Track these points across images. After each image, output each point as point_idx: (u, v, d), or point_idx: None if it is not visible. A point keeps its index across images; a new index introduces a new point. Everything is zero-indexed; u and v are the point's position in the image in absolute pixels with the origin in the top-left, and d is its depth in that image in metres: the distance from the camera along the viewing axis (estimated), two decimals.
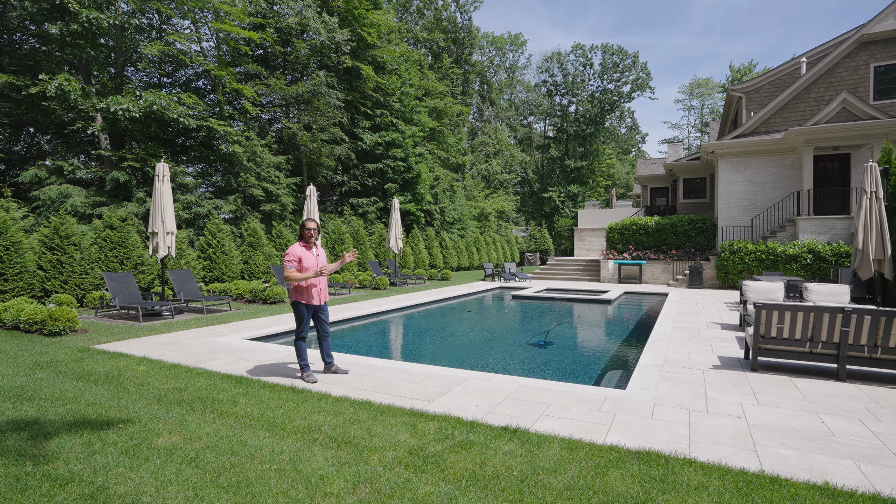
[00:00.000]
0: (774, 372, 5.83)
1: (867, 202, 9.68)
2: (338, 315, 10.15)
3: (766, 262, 15.85)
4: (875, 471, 3.24)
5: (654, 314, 11.01)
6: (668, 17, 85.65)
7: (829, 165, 17.25)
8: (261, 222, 19.59)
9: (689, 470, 3.17)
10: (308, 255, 5.33)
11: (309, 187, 13.85)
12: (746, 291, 8.98)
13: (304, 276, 5.22)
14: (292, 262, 5.24)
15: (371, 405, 4.45)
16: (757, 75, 21.49)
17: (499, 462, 3.30)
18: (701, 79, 61.99)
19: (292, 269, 5.24)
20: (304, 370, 5.37)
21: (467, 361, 6.95)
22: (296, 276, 5.21)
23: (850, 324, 5.38)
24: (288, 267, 5.24)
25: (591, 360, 7.16)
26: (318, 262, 5.41)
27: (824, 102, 17.28)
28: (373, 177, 25.84)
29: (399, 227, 17.63)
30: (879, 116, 15.48)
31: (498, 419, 4.13)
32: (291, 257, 5.25)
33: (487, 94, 51.51)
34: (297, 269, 5.27)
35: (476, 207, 37.02)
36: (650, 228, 19.70)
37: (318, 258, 5.43)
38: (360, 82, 24.91)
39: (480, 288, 16.96)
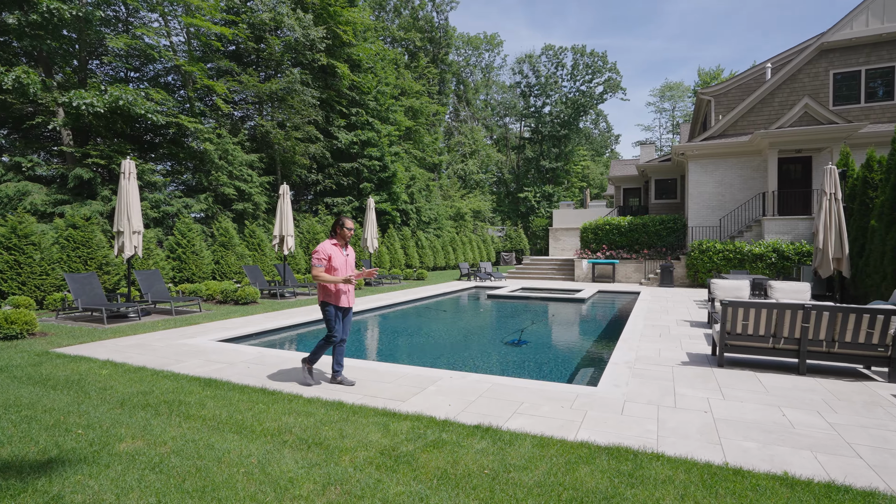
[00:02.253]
0: (740, 367, 6.00)
1: (827, 203, 10.06)
2: (310, 316, 10.02)
3: (733, 261, 16.31)
4: (830, 460, 3.36)
5: (627, 312, 11.21)
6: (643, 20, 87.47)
7: (793, 168, 17.87)
8: (233, 222, 19.18)
9: (656, 464, 3.23)
10: (338, 255, 4.98)
11: (282, 186, 13.64)
12: (714, 289, 9.23)
13: (332, 278, 4.87)
14: (321, 261, 4.90)
15: (343, 406, 4.40)
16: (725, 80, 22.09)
17: (471, 460, 3.30)
18: (672, 82, 63.49)
19: (321, 268, 4.90)
20: (310, 367, 5.16)
21: (442, 361, 6.94)
22: (324, 278, 4.87)
23: (810, 320, 5.57)
24: (317, 265, 4.90)
25: (565, 358, 7.24)
26: (348, 262, 5.09)
27: (788, 107, 17.89)
28: (348, 176, 25.62)
29: (374, 226, 17.51)
30: (838, 121, 16.11)
31: (471, 418, 4.13)
32: (321, 255, 4.90)
33: (464, 94, 51.65)
34: (326, 268, 4.92)
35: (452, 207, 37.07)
36: (623, 228, 20.05)
37: (348, 258, 5.11)
38: (335, 80, 24.66)
39: (456, 287, 16.99)
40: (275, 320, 9.40)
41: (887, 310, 5.29)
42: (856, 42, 17.16)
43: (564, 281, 20.38)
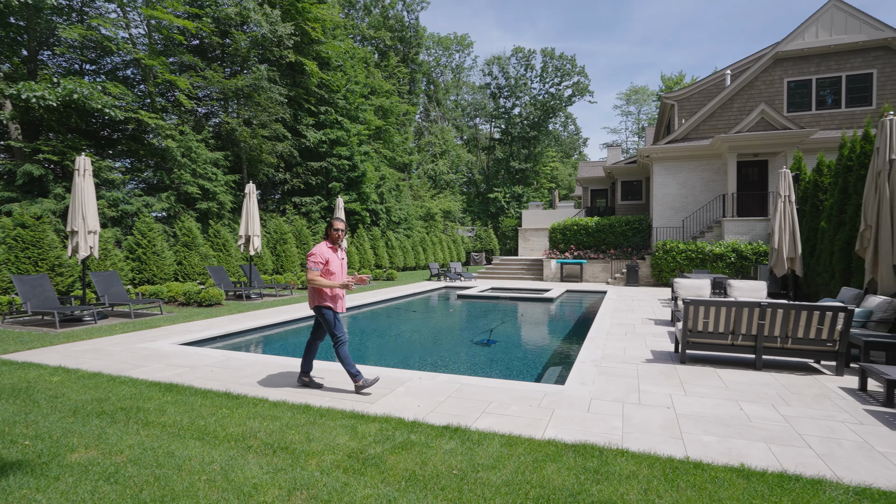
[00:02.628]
0: (701, 364, 6.19)
1: (782, 205, 10.50)
2: (278, 317, 9.82)
3: (695, 261, 16.85)
4: (783, 451, 3.51)
5: (594, 311, 11.42)
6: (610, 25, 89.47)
7: (751, 171, 18.60)
8: (197, 221, 18.63)
9: (621, 460, 3.30)
10: (334, 258, 4.84)
11: (249, 185, 13.32)
12: (677, 288, 9.50)
13: (330, 284, 4.71)
14: (318, 265, 4.71)
15: (310, 409, 4.32)
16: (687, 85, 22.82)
17: (439, 461, 3.29)
18: (638, 86, 65.14)
19: (317, 272, 4.71)
20: (357, 378, 4.81)
21: (411, 362, 6.91)
22: (322, 283, 4.69)
23: (766, 317, 5.80)
24: (313, 269, 4.70)
25: (534, 358, 7.32)
26: (343, 266, 4.97)
27: (746, 112, 18.61)
28: (317, 175, 25.24)
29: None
30: (792, 127, 16.86)
31: (440, 418, 4.12)
32: (318, 258, 4.71)
33: (434, 95, 51.67)
34: (323, 272, 4.76)
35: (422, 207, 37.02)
36: (590, 229, 20.44)
37: (343, 262, 4.99)
38: (303, 78, 24.27)
39: (426, 288, 16.97)
40: (240, 322, 9.17)
41: (835, 307, 5.56)
42: (807, 52, 17.99)
43: (533, 281, 20.63)
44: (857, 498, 2.84)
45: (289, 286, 14.38)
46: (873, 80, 17.47)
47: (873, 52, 17.45)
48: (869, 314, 6.71)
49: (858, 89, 17.73)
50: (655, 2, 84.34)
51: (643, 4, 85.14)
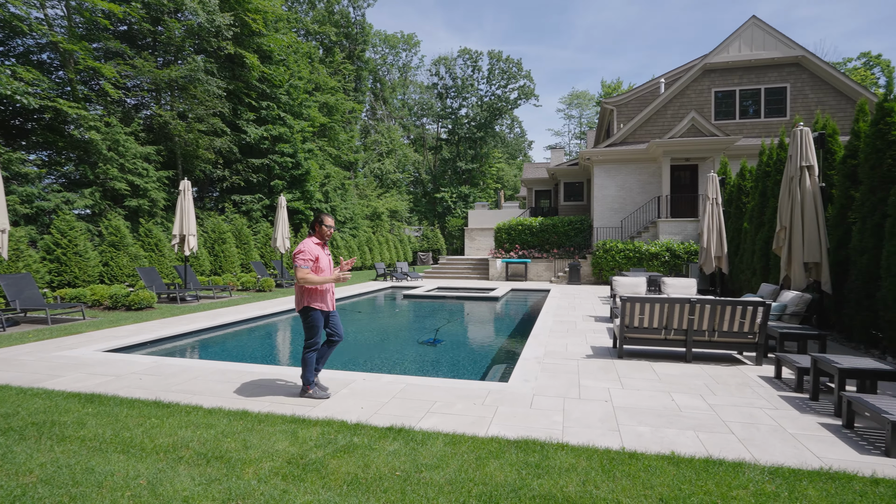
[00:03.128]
0: (637, 358, 6.48)
1: (710, 207, 11.19)
2: (216, 320, 9.37)
3: (633, 260, 17.64)
4: (709, 438, 3.73)
5: (537, 309, 11.70)
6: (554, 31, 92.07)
7: (683, 174, 19.71)
8: (126, 219, 17.47)
9: (561, 454, 3.38)
10: (323, 255, 4.63)
11: (183, 181, 12.64)
12: (615, 286, 9.91)
13: (322, 279, 4.49)
14: (308, 262, 4.47)
15: (248, 415, 4.14)
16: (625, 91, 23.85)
17: (382, 463, 3.24)
18: (579, 91, 67.48)
19: (307, 269, 4.47)
20: (310, 386, 4.68)
21: (356, 363, 6.80)
22: (314, 280, 4.46)
23: (695, 312, 6.16)
24: (303, 267, 4.46)
25: (479, 356, 7.40)
26: (331, 263, 4.76)
27: (678, 119, 19.70)
28: (258, 172, 24.34)
29: (286, 225, 16.79)
30: (719, 134, 18.01)
31: (383, 420, 4.07)
32: (308, 255, 4.48)
33: (381, 93, 51.19)
34: (313, 269, 4.53)
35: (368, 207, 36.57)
36: (535, 229, 20.95)
37: (330, 258, 4.80)
38: (243, 71, 23.32)
39: (372, 288, 16.77)
40: (174, 326, 8.67)
41: (755, 302, 5.98)
42: (732, 65, 19.29)
43: (479, 280, 20.88)
44: (771, 477, 3.06)
45: (228, 288, 13.77)
46: (787, 93, 18.99)
47: (787, 68, 18.97)
48: (784, 308, 7.28)
49: (775, 101, 19.21)
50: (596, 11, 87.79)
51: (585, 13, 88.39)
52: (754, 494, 2.85)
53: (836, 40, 69.83)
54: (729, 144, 17.74)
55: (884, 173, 6.81)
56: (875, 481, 3.03)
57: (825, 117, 8.78)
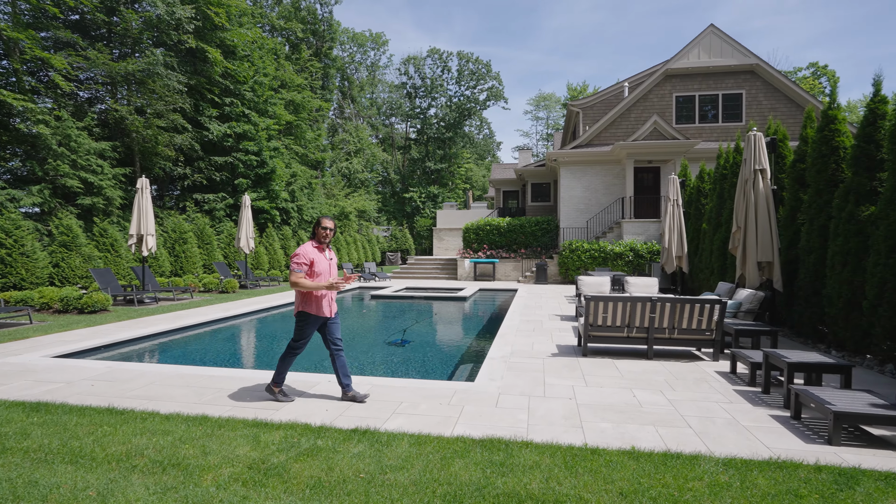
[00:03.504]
0: (601, 356, 6.62)
1: (671, 208, 11.55)
2: (175, 323, 9.06)
3: (598, 259, 18.02)
4: (668, 432, 3.85)
5: (505, 309, 11.81)
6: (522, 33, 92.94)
7: (646, 176, 20.27)
8: (79, 218, 16.69)
9: (525, 451, 3.42)
10: (321, 259, 4.52)
11: (141, 179, 12.20)
12: (581, 286, 10.09)
13: (315, 285, 4.39)
14: (302, 266, 4.40)
15: (208, 420, 4.02)
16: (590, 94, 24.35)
17: (346, 466, 3.21)
18: (546, 93, 68.45)
19: (301, 273, 4.39)
20: (278, 385, 4.62)
21: (323, 365, 6.69)
22: (306, 285, 4.37)
23: (656, 311, 6.34)
24: (297, 271, 4.39)
25: (446, 356, 7.41)
26: (332, 266, 4.63)
27: (641, 122, 20.24)
28: (221, 171, 23.68)
29: (251, 225, 16.41)
30: (680, 137, 18.61)
31: (348, 422, 4.03)
32: (302, 259, 4.41)
33: (348, 91, 50.63)
34: (308, 273, 4.45)
35: (336, 206, 36.08)
36: (502, 229, 21.14)
37: (332, 262, 4.65)
38: (206, 66, 22.63)
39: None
40: (130, 329, 8.34)
41: (712, 300, 6.21)
42: (692, 71, 19.97)
43: (448, 280, 20.92)
44: (725, 468, 3.18)
45: (189, 289, 13.34)
46: (743, 99, 19.80)
47: (742, 76, 19.77)
48: (739, 305, 7.57)
49: (732, 107, 19.99)
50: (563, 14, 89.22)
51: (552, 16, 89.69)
52: (709, 486, 2.95)
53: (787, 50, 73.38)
54: (689, 148, 18.35)
55: (828, 177, 7.18)
56: (818, 468, 3.19)
57: (776, 123, 9.18)
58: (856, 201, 6.45)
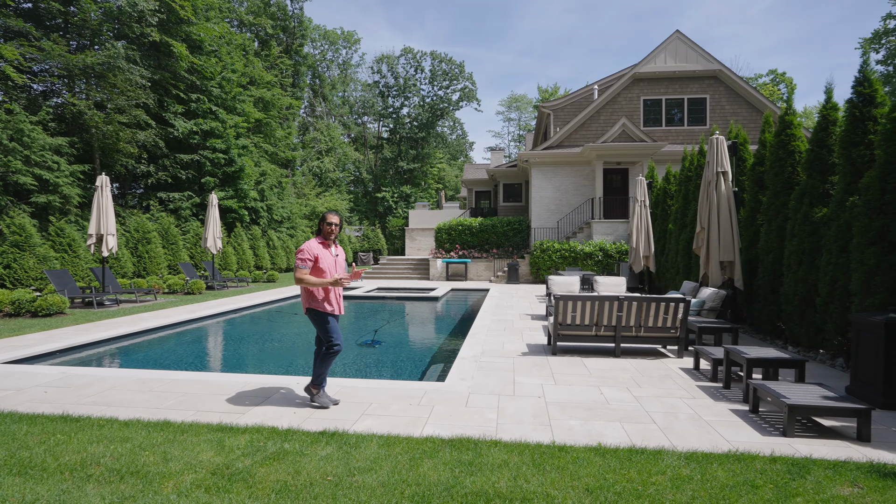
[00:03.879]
0: (570, 354, 6.72)
1: (639, 209, 11.81)
2: (137, 325, 8.75)
3: (569, 259, 18.29)
4: (634, 428, 3.93)
5: (477, 308, 11.86)
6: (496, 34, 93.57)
7: (615, 177, 20.69)
8: (33, 217, 15.96)
9: (494, 450, 3.44)
10: (326, 255, 4.44)
11: (101, 177, 11.75)
12: (551, 285, 10.22)
13: (320, 281, 4.29)
14: (306, 262, 4.30)
15: (170, 425, 3.90)
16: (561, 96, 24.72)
17: (314, 469, 3.16)
18: (518, 94, 69.14)
19: (306, 269, 4.30)
20: (318, 388, 4.48)
21: (293, 367, 6.59)
22: (311, 281, 4.28)
23: (623, 309, 6.47)
24: (301, 267, 4.30)
25: (418, 356, 7.39)
26: (338, 262, 4.55)
27: (610, 125, 20.65)
28: (188, 169, 23.02)
29: (218, 225, 16.01)
30: (647, 140, 19.07)
31: (317, 424, 3.97)
32: (306, 255, 4.31)
33: (320, 90, 49.98)
34: (313, 270, 4.37)
35: (307, 206, 35.58)
36: (474, 229, 21.23)
37: (338, 259, 4.56)
38: (170, 61, 21.96)
39: None
40: (88, 333, 8.01)
41: (676, 299, 6.38)
42: (658, 75, 20.49)
43: (420, 280, 20.89)
44: (687, 462, 3.27)
45: (153, 290, 12.91)
46: (707, 104, 20.43)
47: (706, 81, 20.41)
48: (702, 304, 7.80)
49: (697, 111, 20.61)
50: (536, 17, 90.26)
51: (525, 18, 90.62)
52: (671, 479, 3.03)
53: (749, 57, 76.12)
54: (656, 150, 18.82)
55: (785, 179, 7.47)
56: (773, 459, 3.31)
57: (738, 127, 9.51)
58: (810, 203, 6.73)
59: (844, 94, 72.57)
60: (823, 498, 2.83)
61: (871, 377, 4.52)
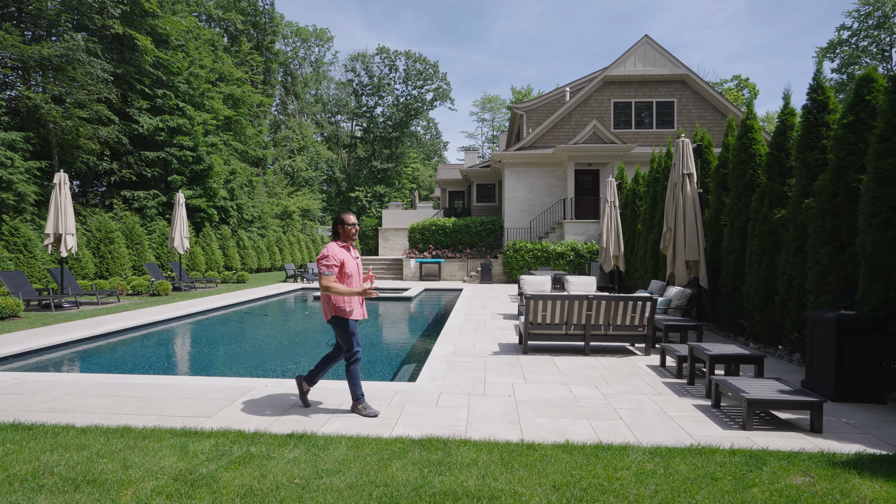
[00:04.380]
0: (541, 353, 6.80)
1: (609, 210, 12.04)
2: (98, 328, 8.44)
3: (541, 259, 18.50)
4: (601, 425, 4.00)
5: (450, 308, 11.88)
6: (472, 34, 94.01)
7: (586, 178, 21.04)
8: None
9: (464, 449, 3.45)
10: (349, 259, 4.18)
11: (59, 174, 11.29)
12: (523, 285, 10.31)
13: (349, 291, 4.01)
14: (332, 268, 4.03)
15: (130, 431, 3.78)
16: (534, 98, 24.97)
17: (280, 472, 3.11)
18: (492, 95, 69.56)
19: (332, 276, 4.02)
20: (360, 401, 4.21)
21: (261, 369, 6.47)
22: (339, 290, 3.98)
23: (592, 308, 6.58)
24: (327, 274, 4.01)
25: (390, 356, 7.36)
26: (359, 266, 4.32)
27: (582, 126, 20.98)
28: (153, 166, 22.33)
29: (185, 224, 15.59)
30: (617, 142, 19.45)
31: (285, 426, 3.90)
32: (333, 261, 4.03)
33: (292, 87, 49.22)
34: (339, 276, 4.09)
35: (279, 205, 34.98)
36: (448, 229, 21.27)
37: (358, 261, 4.32)
38: (134, 55, 21.25)
39: (281, 290, 16.07)
40: (45, 337, 7.68)
41: (644, 297, 6.53)
42: (628, 78, 20.94)
43: (394, 280, 20.80)
44: (651, 456, 3.35)
45: (116, 292, 12.48)
46: (674, 107, 20.98)
47: (674, 85, 20.95)
48: (669, 302, 8.01)
49: (665, 114, 21.14)
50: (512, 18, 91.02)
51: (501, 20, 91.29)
52: (636, 474, 3.10)
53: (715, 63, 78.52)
54: (626, 152, 19.21)
55: (747, 182, 7.74)
56: (733, 452, 3.43)
57: (703, 130, 9.80)
58: (769, 205, 6.99)
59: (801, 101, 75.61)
60: (778, 488, 2.94)
61: (825, 371, 4.72)
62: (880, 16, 40.23)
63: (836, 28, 42.49)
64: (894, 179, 4.76)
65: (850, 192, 5.42)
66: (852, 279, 5.36)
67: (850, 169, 5.45)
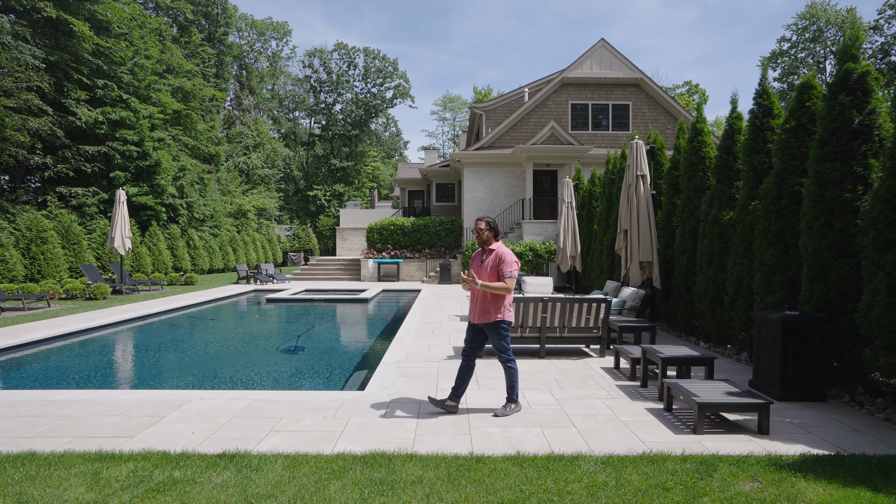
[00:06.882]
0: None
1: (566, 210, 12.10)
2: (18, 338, 7.73)
3: None
4: (553, 433, 3.88)
5: (407, 310, 11.64)
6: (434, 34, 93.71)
7: (544, 179, 21.22)
8: None
9: (409, 465, 3.25)
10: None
11: None
12: None
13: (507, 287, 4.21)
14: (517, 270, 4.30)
15: (35, 457, 3.37)
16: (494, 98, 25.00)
17: (205, 499, 2.82)
18: (453, 94, 69.64)
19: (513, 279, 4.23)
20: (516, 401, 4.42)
21: (198, 380, 6.05)
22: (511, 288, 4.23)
23: (548, 310, 6.51)
24: (515, 276, 4.22)
25: (342, 363, 7.06)
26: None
27: (540, 127, 21.14)
28: (93, 162, 20.99)
29: (127, 223, 14.68)
30: (574, 143, 19.70)
31: (216, 445, 3.59)
32: (516, 265, 4.23)
33: (247, 82, 47.57)
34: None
35: (233, 204, 33.71)
36: (407, 229, 20.99)
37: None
38: (71, 41, 19.89)
39: (231, 292, 15.39)
40: None
41: (598, 299, 6.51)
42: (585, 81, 21.26)
43: (351, 281, 20.35)
44: (603, 467, 3.24)
45: (46, 296, 11.57)
46: (629, 110, 21.46)
47: (629, 88, 21.43)
48: (623, 303, 8.06)
49: (620, 116, 21.60)
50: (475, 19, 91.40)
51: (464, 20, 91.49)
52: (587, 487, 2.98)
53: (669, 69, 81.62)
54: (583, 153, 19.48)
55: (697, 184, 7.88)
56: (684, 458, 3.37)
57: (655, 133, 9.96)
58: (719, 206, 7.12)
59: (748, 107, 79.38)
60: (728, 496, 2.89)
61: (770, 371, 4.79)
62: (815, 30, 42.74)
63: (777, 39, 44.81)
64: (833, 183, 4.88)
65: (793, 195, 5.55)
66: (796, 280, 5.49)
67: (793, 173, 5.57)
